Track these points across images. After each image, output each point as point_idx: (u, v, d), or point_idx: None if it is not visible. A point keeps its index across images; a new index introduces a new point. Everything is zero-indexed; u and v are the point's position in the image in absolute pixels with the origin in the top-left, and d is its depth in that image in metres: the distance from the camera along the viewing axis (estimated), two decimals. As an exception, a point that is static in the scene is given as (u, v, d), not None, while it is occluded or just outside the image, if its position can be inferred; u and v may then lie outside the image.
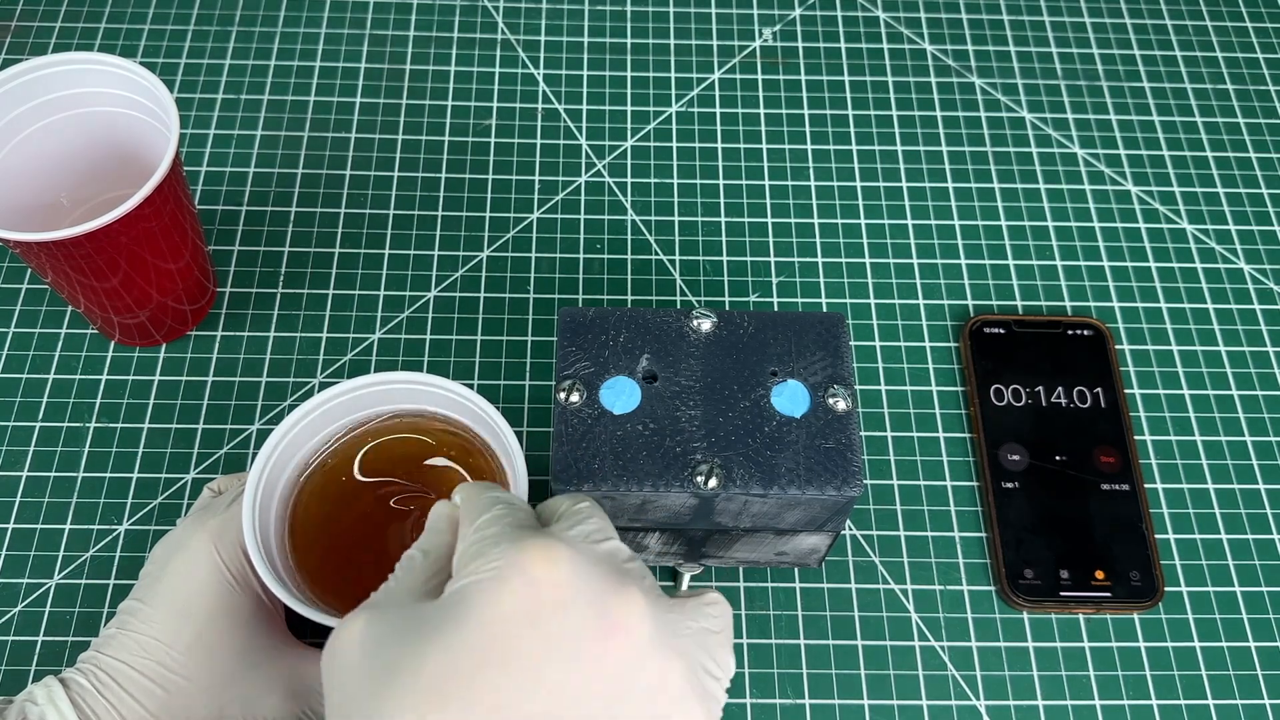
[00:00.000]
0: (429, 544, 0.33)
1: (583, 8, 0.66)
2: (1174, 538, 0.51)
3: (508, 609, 0.27)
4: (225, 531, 0.40)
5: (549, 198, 0.59)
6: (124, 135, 0.50)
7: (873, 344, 0.55)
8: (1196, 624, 0.49)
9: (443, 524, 0.34)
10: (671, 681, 0.28)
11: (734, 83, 0.63)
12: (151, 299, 0.50)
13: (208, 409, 0.52)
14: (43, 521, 0.49)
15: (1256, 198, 0.60)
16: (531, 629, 0.27)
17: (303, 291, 0.55)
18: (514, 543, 0.29)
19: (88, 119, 0.49)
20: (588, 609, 0.28)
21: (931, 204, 0.59)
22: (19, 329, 0.54)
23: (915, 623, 0.48)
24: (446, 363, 0.54)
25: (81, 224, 0.43)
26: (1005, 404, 0.53)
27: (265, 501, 0.41)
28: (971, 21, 0.66)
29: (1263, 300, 0.57)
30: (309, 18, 0.64)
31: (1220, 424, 0.53)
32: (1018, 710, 0.47)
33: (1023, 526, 0.50)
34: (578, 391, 0.40)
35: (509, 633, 0.27)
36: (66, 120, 0.49)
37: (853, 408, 0.41)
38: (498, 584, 0.28)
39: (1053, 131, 0.62)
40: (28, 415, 0.52)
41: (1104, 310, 0.56)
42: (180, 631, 0.39)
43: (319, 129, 0.60)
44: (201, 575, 0.40)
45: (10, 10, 0.64)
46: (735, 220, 0.58)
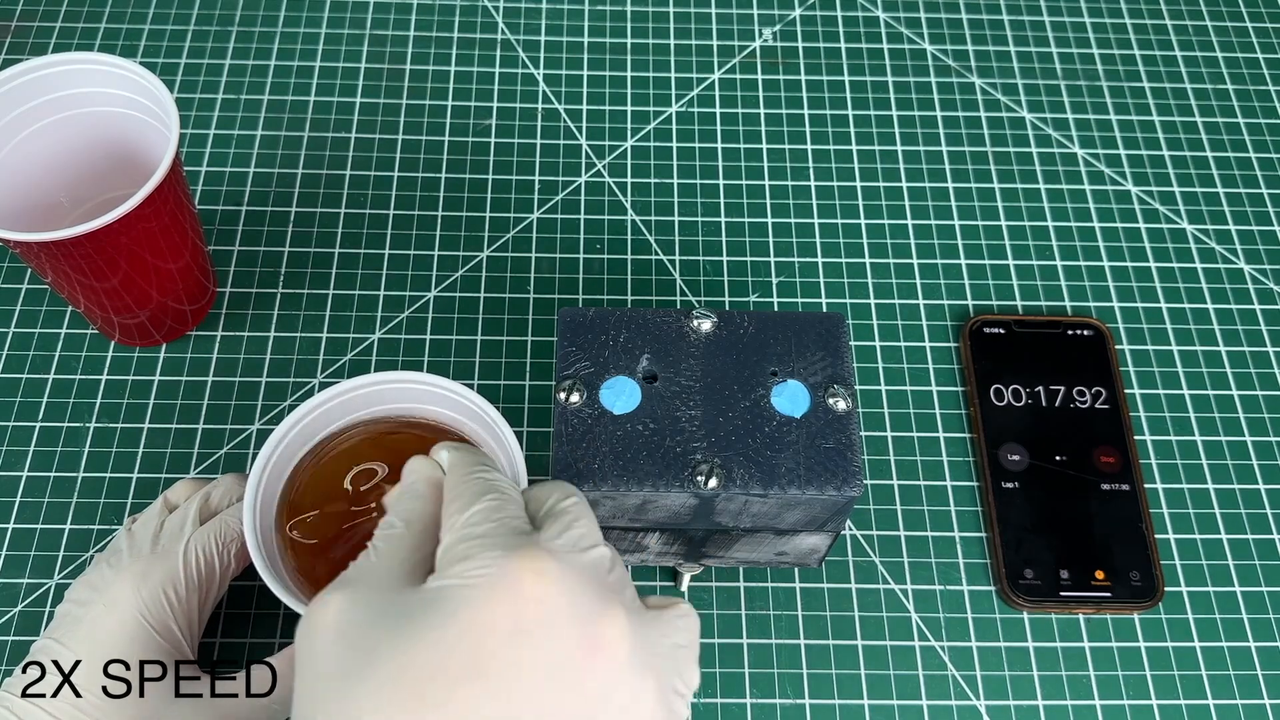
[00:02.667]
0: (409, 512, 0.32)
1: (583, 8, 0.66)
2: (1174, 538, 0.51)
3: (494, 621, 0.27)
4: (148, 577, 0.40)
5: (549, 198, 0.59)
6: (124, 135, 0.50)
7: (873, 344, 0.55)
8: (1196, 624, 0.49)
9: (423, 487, 0.33)
10: (644, 702, 0.28)
11: (734, 83, 0.63)
12: (151, 299, 0.50)
13: (208, 409, 0.52)
14: (43, 521, 0.49)
15: (1256, 198, 0.60)
16: (516, 645, 0.27)
17: (303, 291, 0.55)
18: (504, 551, 0.29)
19: (88, 119, 0.49)
20: (572, 628, 0.27)
21: (931, 204, 0.59)
22: (19, 329, 0.54)
23: (915, 623, 0.48)
24: (446, 363, 0.54)
25: (81, 224, 0.43)
26: (1005, 404, 0.53)
27: (265, 504, 0.41)
28: (971, 21, 0.66)
29: (1263, 300, 0.57)
30: (309, 18, 0.64)
31: (1220, 424, 0.53)
32: (1018, 710, 0.47)
33: (1023, 526, 0.50)
34: (578, 391, 0.40)
35: (494, 646, 0.27)
36: (66, 120, 0.49)
37: (853, 408, 0.41)
38: (486, 593, 0.27)
39: (1053, 131, 0.62)
40: (28, 415, 0.52)
41: (1104, 310, 0.56)
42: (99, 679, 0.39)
43: (319, 129, 0.60)
44: (124, 620, 0.39)
45: (10, 10, 0.64)
46: (735, 220, 0.58)
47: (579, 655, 0.27)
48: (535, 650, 0.27)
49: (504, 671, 0.26)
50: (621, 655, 0.28)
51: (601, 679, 0.27)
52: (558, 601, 0.28)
